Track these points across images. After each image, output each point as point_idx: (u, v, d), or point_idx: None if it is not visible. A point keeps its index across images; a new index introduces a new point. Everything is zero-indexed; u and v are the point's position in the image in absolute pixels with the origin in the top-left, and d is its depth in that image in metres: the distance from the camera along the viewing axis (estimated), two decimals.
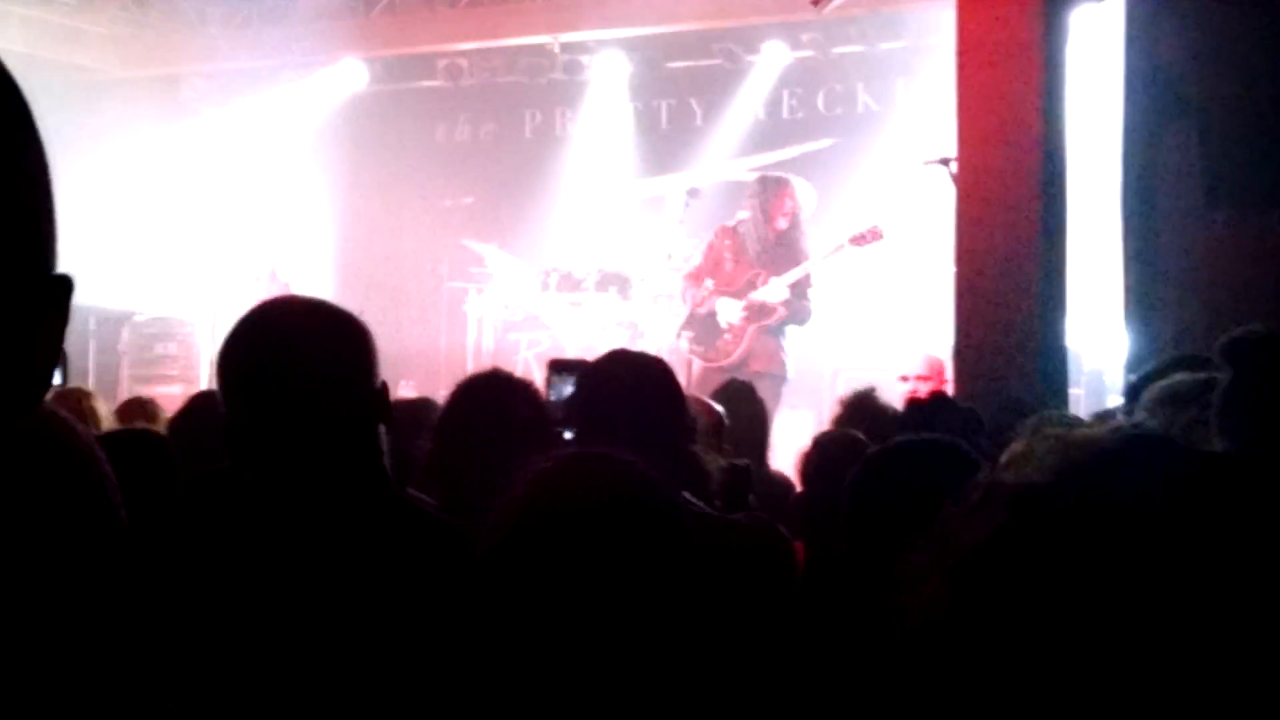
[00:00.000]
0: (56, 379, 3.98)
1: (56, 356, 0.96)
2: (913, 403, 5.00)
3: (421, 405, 4.48)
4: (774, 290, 10.10)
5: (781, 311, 10.13)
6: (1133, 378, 4.38)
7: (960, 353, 7.17)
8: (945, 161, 7.38)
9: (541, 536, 2.01)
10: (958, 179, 7.20)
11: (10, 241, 0.90)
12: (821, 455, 4.67)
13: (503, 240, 12.81)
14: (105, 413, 5.12)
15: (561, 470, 2.11)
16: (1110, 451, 1.06)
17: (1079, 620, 0.97)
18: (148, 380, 12.34)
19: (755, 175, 11.45)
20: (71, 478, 1.77)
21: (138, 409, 5.66)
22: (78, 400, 5.15)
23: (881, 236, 10.26)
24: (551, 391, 3.87)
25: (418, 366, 13.21)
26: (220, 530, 2.50)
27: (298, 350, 2.44)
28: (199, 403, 4.02)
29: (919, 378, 7.86)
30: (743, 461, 4.58)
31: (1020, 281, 6.97)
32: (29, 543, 1.18)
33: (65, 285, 0.94)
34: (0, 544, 1.01)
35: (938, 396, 5.01)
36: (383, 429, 2.52)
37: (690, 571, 2.03)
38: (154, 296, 14.02)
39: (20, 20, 13.80)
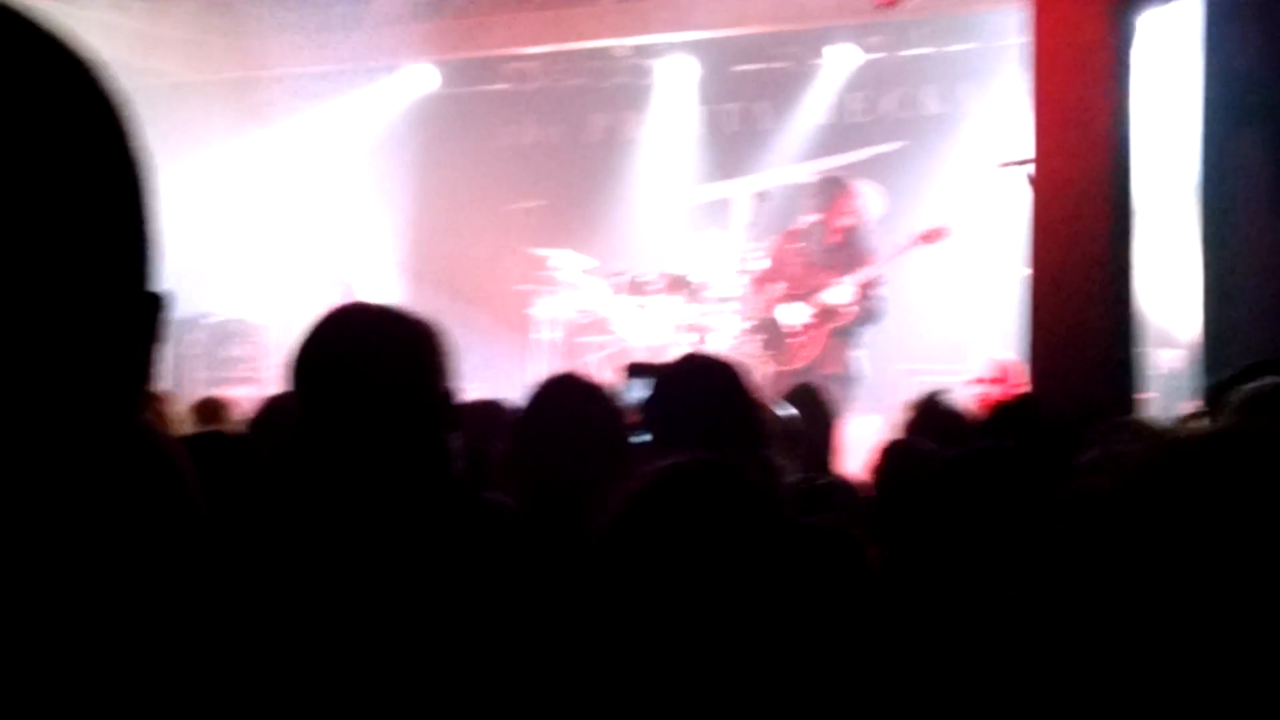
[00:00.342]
0: None
1: (149, 373, 0.97)
2: (997, 406, 4.96)
3: (491, 407, 4.50)
4: (842, 292, 10.08)
5: (851, 313, 10.10)
6: (1214, 381, 4.34)
7: (1033, 356, 7.13)
8: (1022, 163, 7.34)
9: (649, 540, 2.02)
10: (1032, 180, 7.16)
11: (107, 258, 0.91)
12: (893, 460, 4.65)
13: (571, 244, 12.83)
14: (184, 416, 5.17)
15: (665, 475, 2.12)
16: (1202, 453, 1.05)
17: (1169, 624, 0.97)
18: (219, 382, 12.45)
19: (818, 178, 11.44)
20: (157, 480, 1.79)
21: (210, 409, 5.72)
22: (157, 403, 5.21)
23: (949, 235, 10.23)
24: (626, 395, 3.87)
25: (486, 370, 13.25)
26: (293, 532, 2.52)
27: (368, 355, 2.47)
28: (279, 404, 4.05)
29: (991, 380, 7.82)
30: (825, 479, 4.56)
31: (1093, 284, 6.92)
32: (119, 546, 1.19)
33: (159, 303, 0.95)
34: (91, 547, 1.03)
35: (1023, 400, 4.97)
36: (452, 434, 2.53)
37: (780, 576, 2.03)
38: (226, 298, 14.15)
39: (94, 25, 13.96)
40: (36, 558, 0.93)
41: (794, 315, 10.19)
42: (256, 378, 13.12)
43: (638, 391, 3.70)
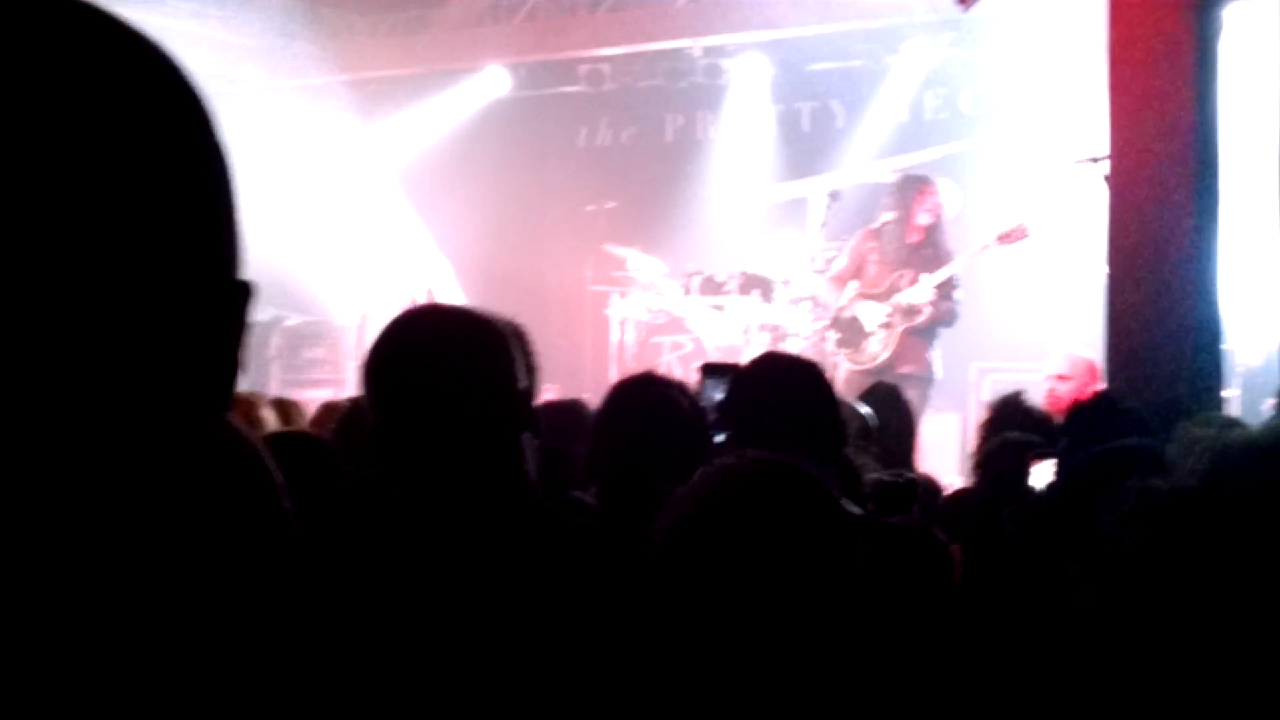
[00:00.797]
0: None
1: (238, 363, 0.98)
2: (1073, 405, 4.93)
3: (572, 407, 4.51)
4: (920, 291, 10.02)
5: (928, 312, 10.04)
6: None
7: (1111, 353, 7.06)
8: (1096, 160, 7.27)
9: (715, 538, 2.02)
10: (1109, 177, 7.09)
11: (191, 246, 0.92)
12: (988, 459, 4.63)
13: (644, 244, 12.84)
14: (273, 419, 5.22)
15: (730, 474, 2.12)
16: (1264, 452, 1.03)
17: (1234, 621, 0.95)
18: (297, 384, 12.55)
19: (897, 176, 11.37)
20: (245, 481, 1.81)
21: (288, 411, 5.75)
22: (248, 406, 5.25)
23: (1028, 234, 10.14)
24: (703, 395, 3.87)
25: (561, 370, 13.28)
26: (371, 534, 2.54)
27: (441, 357, 2.47)
28: (360, 406, 4.08)
29: (1058, 377, 7.74)
30: (908, 476, 4.55)
31: (1173, 281, 6.85)
32: (208, 545, 1.21)
33: (246, 291, 0.97)
34: (182, 546, 1.04)
35: (1100, 398, 4.93)
36: (528, 436, 2.54)
37: (856, 576, 2.03)
38: (303, 301, 14.26)
39: (173, 34, 14.09)
40: (129, 555, 0.94)
41: (871, 314, 10.15)
42: (334, 380, 13.22)
43: (713, 391, 3.70)
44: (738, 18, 13.61)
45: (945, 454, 10.43)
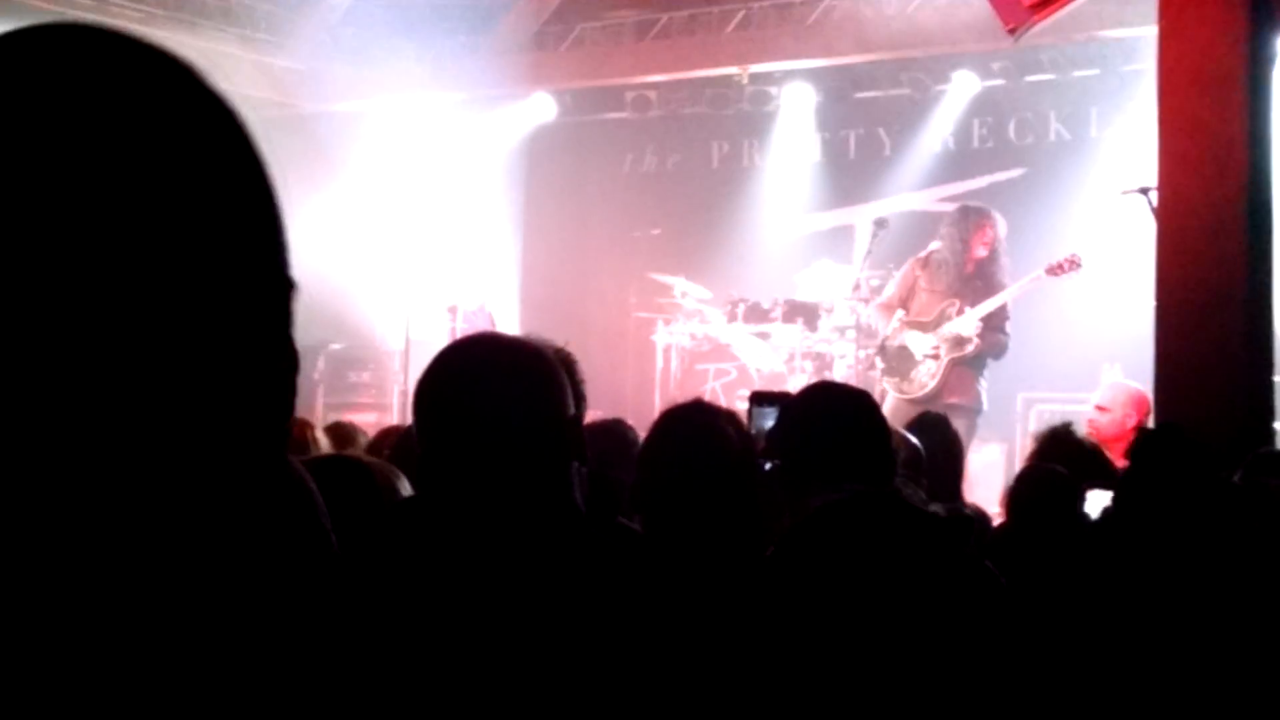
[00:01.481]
0: None
1: (295, 354, 1.04)
2: (1142, 433, 4.88)
3: (616, 429, 4.48)
4: (968, 322, 9.96)
5: (977, 343, 9.98)
6: None
7: (1158, 385, 7.01)
8: (1144, 191, 7.23)
9: (826, 571, 2.00)
10: (1158, 208, 7.05)
11: (240, 247, 0.99)
12: (1025, 490, 4.60)
13: (690, 271, 12.84)
14: (325, 443, 5.23)
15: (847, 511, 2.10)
16: None
17: None
18: (342, 408, 12.57)
19: (952, 205, 11.30)
20: (289, 502, 1.80)
21: (339, 434, 5.77)
22: (301, 429, 5.28)
23: (1080, 266, 10.05)
24: (753, 423, 3.85)
25: (606, 397, 13.27)
26: (419, 561, 2.53)
27: (491, 385, 2.47)
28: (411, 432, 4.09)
29: (1098, 408, 7.67)
30: (964, 511, 4.51)
31: (1224, 312, 6.80)
32: (253, 564, 1.20)
33: (292, 286, 1.04)
34: (226, 565, 1.05)
35: (1168, 429, 4.88)
36: (576, 465, 2.53)
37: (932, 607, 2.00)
38: (348, 326, 14.31)
39: (220, 57, 14.23)
40: (181, 572, 0.96)
41: (919, 343, 10.09)
42: (379, 404, 13.25)
43: (763, 420, 3.68)
44: (784, 45, 13.62)
45: (992, 485, 10.37)
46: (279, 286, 1.01)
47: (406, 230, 15.27)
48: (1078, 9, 7.84)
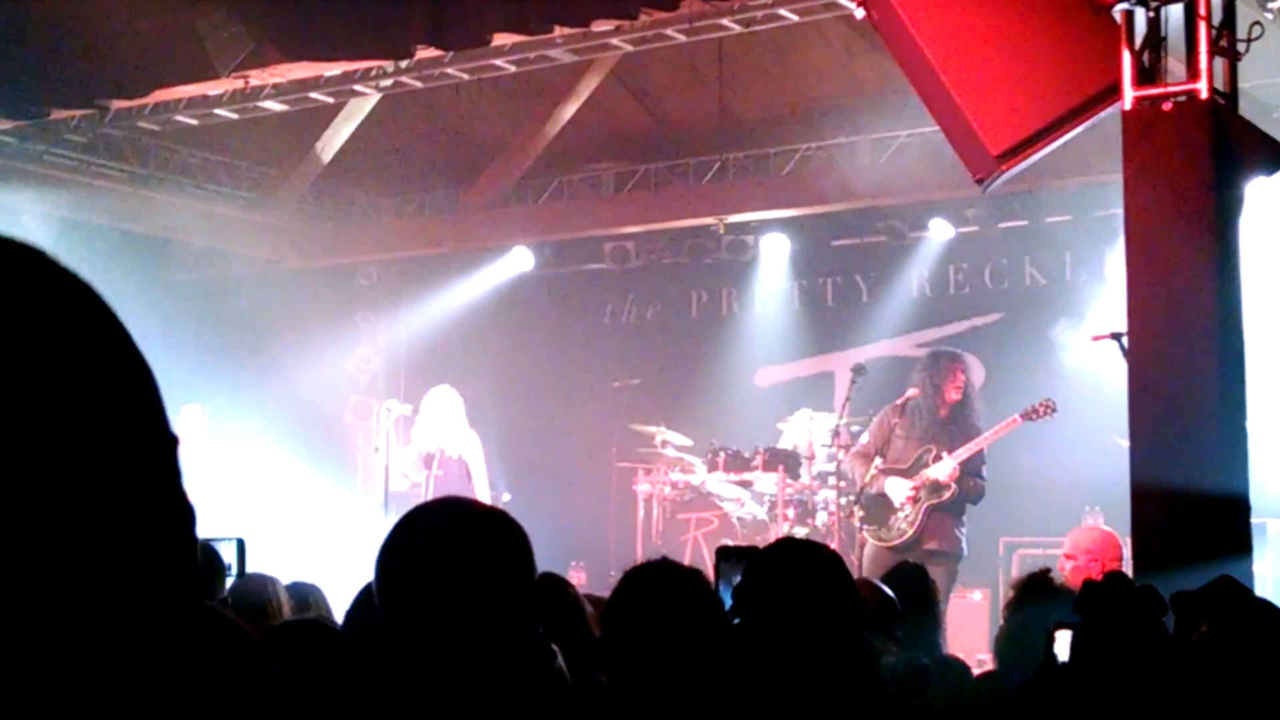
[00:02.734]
0: (234, 568, 4.03)
1: (187, 506, 1.06)
2: (1088, 583, 4.88)
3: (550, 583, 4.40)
4: (944, 468, 9.96)
5: (954, 489, 9.98)
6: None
7: (1137, 525, 7.00)
8: (1116, 336, 7.28)
9: None
10: (1129, 353, 7.09)
11: (126, 408, 1.02)
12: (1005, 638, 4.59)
13: (671, 420, 12.86)
14: (286, 599, 5.18)
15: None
16: None
17: None
18: None
19: (924, 351, 11.38)
20: (231, 668, 1.79)
21: (302, 596, 5.68)
22: (260, 586, 5.21)
23: (1054, 411, 10.11)
24: (721, 579, 3.84)
25: (588, 548, 13.24)
26: None
27: (451, 556, 2.45)
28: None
29: (1065, 555, 7.68)
30: (921, 661, 4.49)
31: (1199, 458, 6.81)
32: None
33: (174, 442, 1.06)
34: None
35: (1112, 577, 4.89)
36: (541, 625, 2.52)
37: None
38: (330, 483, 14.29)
39: (206, 217, 14.38)
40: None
41: (897, 490, 10.08)
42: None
43: (731, 575, 3.67)
44: (760, 195, 13.79)
45: (975, 632, 10.32)
46: (159, 443, 1.03)
47: (397, 383, 15.34)
48: (1046, 158, 7.93)
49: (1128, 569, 7.10)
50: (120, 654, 0.98)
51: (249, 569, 5.52)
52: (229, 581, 5.30)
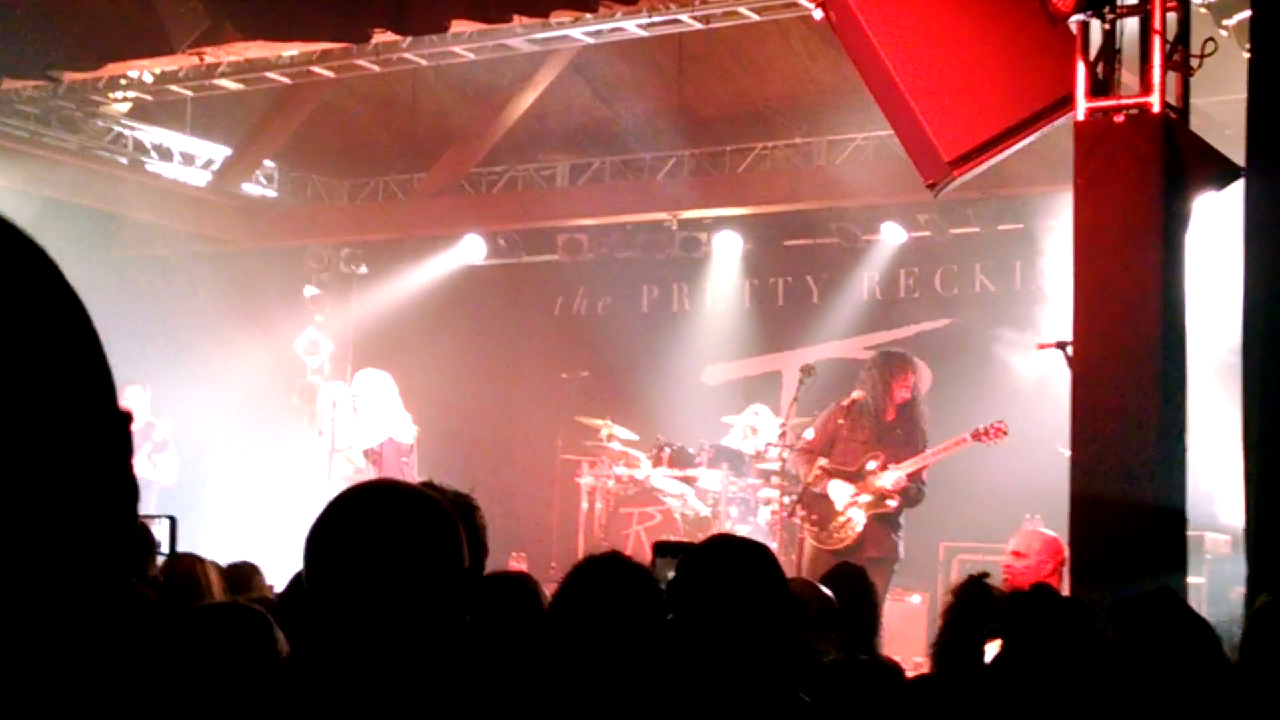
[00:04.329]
0: (165, 545, 4.01)
1: (133, 481, 1.06)
2: (1014, 594, 4.92)
3: (520, 581, 4.42)
4: (890, 478, 9.96)
5: (899, 501, 10.00)
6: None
7: (1075, 534, 7.04)
8: (1061, 345, 7.31)
9: None
10: (1072, 363, 7.13)
11: (78, 383, 1.02)
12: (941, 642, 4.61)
13: (617, 414, 12.85)
14: (215, 578, 5.15)
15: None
16: None
17: None
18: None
19: (874, 352, 11.39)
20: (150, 648, 1.77)
21: (238, 575, 5.66)
22: (189, 565, 5.18)
23: (1005, 434, 10.01)
24: (655, 573, 3.84)
25: (530, 539, 13.22)
26: (305, 711, 2.48)
27: (385, 537, 2.43)
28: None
29: (1014, 553, 7.68)
30: (863, 659, 4.51)
31: (1140, 467, 6.86)
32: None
33: (126, 418, 1.06)
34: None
35: (1039, 588, 4.93)
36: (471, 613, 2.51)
37: None
38: (275, 465, 14.24)
39: (157, 193, 14.27)
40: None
41: (840, 492, 10.09)
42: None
43: (666, 570, 3.67)
44: (715, 193, 13.80)
45: (912, 636, 10.35)
46: (109, 417, 1.03)
47: (336, 364, 15.29)
48: (999, 166, 7.97)
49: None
50: (42, 623, 0.98)
51: (181, 548, 5.49)
52: (160, 560, 5.28)
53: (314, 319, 15.53)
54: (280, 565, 5.44)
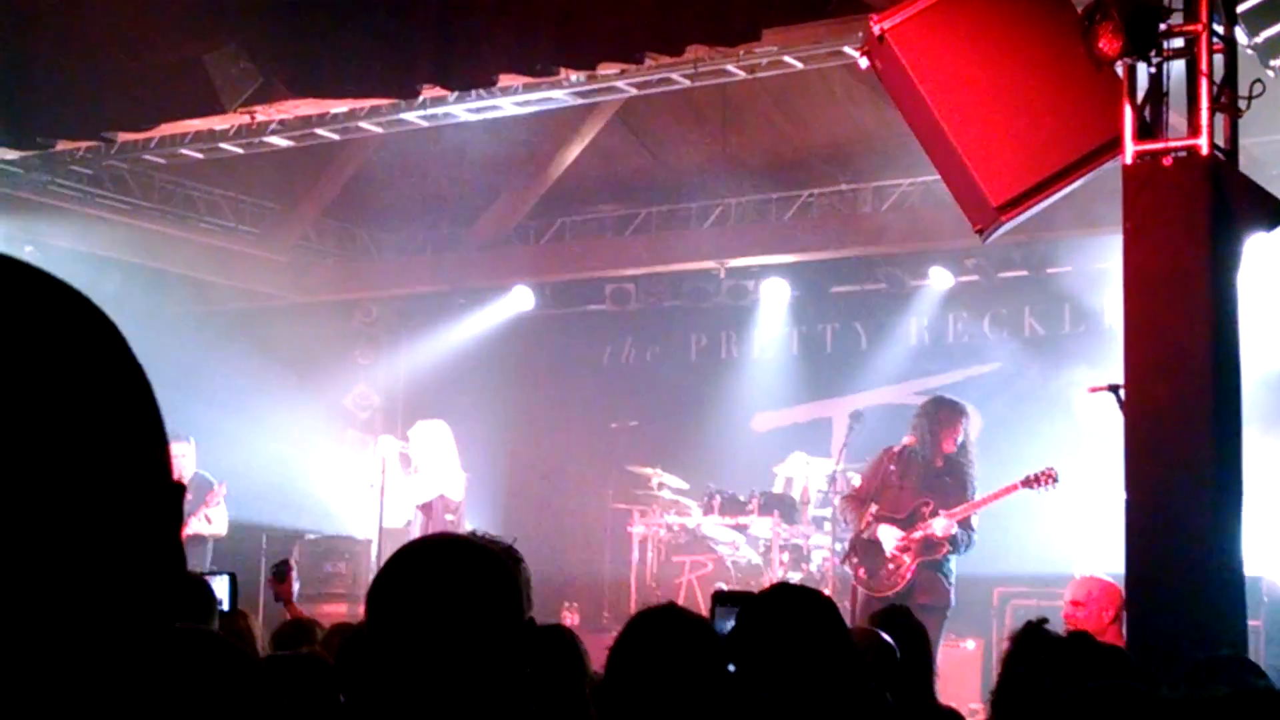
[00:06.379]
0: (226, 602, 4.06)
1: (180, 553, 1.06)
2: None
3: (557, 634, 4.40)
4: (941, 524, 9.89)
5: (947, 548, 9.93)
6: None
7: (1131, 579, 6.99)
8: (1114, 389, 7.28)
9: None
10: (1125, 407, 7.10)
11: (135, 455, 1.01)
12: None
13: (667, 462, 12.86)
14: (259, 631, 5.21)
15: None
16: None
17: None
18: (316, 598, 12.48)
19: (925, 397, 11.33)
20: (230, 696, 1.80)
21: (297, 631, 5.72)
22: (233, 621, 5.26)
23: (1056, 481, 9.90)
24: (715, 623, 3.84)
25: (582, 590, 13.23)
26: None
27: (444, 591, 2.45)
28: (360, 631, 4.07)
29: (1073, 603, 7.64)
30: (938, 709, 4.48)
31: (1193, 508, 6.81)
32: None
33: (179, 490, 1.06)
34: None
35: (1077, 636, 4.91)
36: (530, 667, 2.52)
37: None
38: (324, 516, 14.29)
39: (207, 250, 14.41)
40: None
41: (890, 538, 10.04)
42: (353, 594, 13.14)
43: (725, 620, 3.67)
44: (761, 241, 13.83)
45: (967, 682, 10.29)
46: (162, 490, 1.03)
47: (394, 421, 15.35)
48: (1047, 209, 7.96)
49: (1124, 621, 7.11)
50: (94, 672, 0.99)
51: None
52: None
53: (363, 372, 15.63)
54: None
